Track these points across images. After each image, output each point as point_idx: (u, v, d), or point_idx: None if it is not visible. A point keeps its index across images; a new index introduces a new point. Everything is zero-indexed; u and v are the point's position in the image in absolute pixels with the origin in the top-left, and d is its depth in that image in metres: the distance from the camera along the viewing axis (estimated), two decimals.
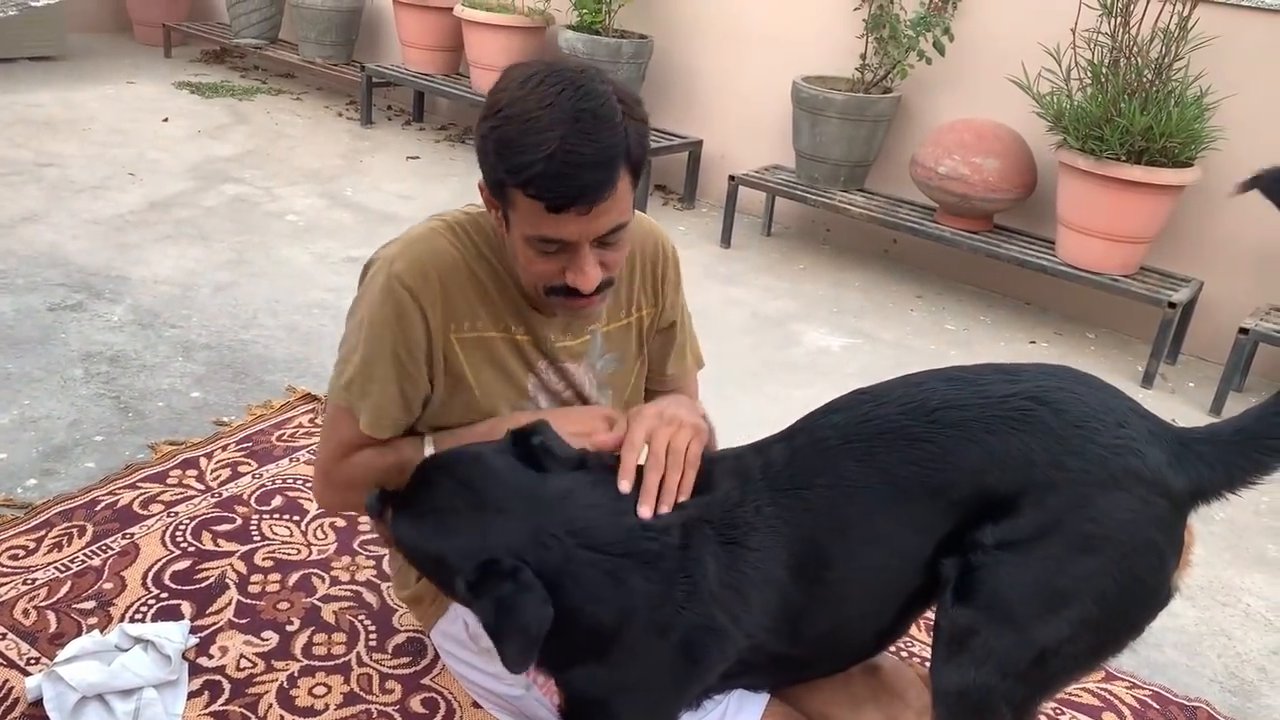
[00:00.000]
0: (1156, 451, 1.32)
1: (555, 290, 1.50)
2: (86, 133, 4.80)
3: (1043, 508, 1.32)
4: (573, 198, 1.37)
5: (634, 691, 1.49)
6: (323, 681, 1.81)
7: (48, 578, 1.98)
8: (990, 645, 1.32)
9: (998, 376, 1.43)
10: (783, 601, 1.47)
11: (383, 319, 1.55)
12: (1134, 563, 1.32)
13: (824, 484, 1.45)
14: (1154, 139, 3.29)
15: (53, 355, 2.79)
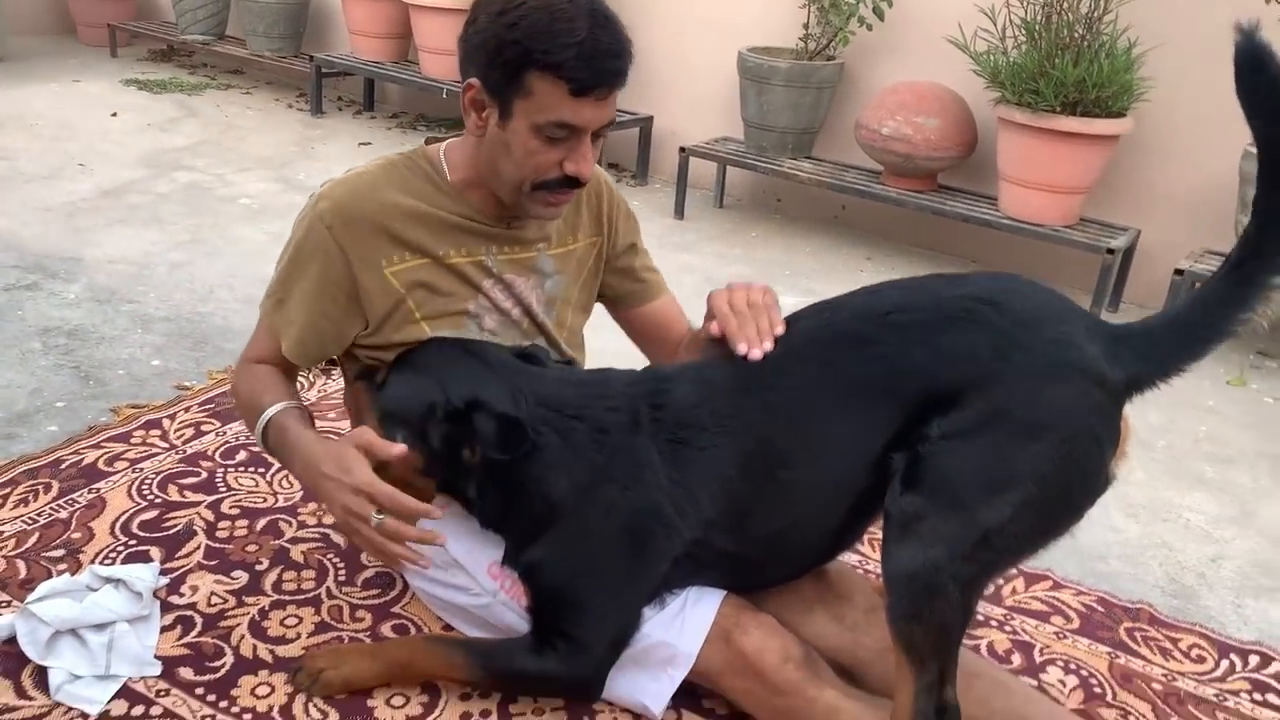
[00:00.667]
0: (1094, 346, 1.40)
1: (547, 184, 1.61)
2: (34, 128, 4.78)
3: (987, 398, 1.39)
4: (598, 82, 1.52)
5: (590, 575, 1.57)
6: (294, 613, 1.85)
7: (15, 530, 2.00)
8: (937, 528, 1.39)
9: (946, 282, 1.53)
10: (732, 497, 1.55)
11: (305, 256, 1.68)
12: (1073, 448, 1.39)
13: (781, 386, 1.54)
14: (1087, 90, 3.40)
15: (9, 331, 2.80)
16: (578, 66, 1.50)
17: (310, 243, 1.68)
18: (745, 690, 1.60)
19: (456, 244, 1.73)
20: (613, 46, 1.54)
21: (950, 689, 1.43)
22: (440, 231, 1.71)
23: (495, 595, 1.71)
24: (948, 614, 1.40)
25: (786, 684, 1.56)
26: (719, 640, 1.59)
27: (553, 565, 1.58)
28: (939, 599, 1.39)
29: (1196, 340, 1.42)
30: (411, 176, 1.72)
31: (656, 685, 1.63)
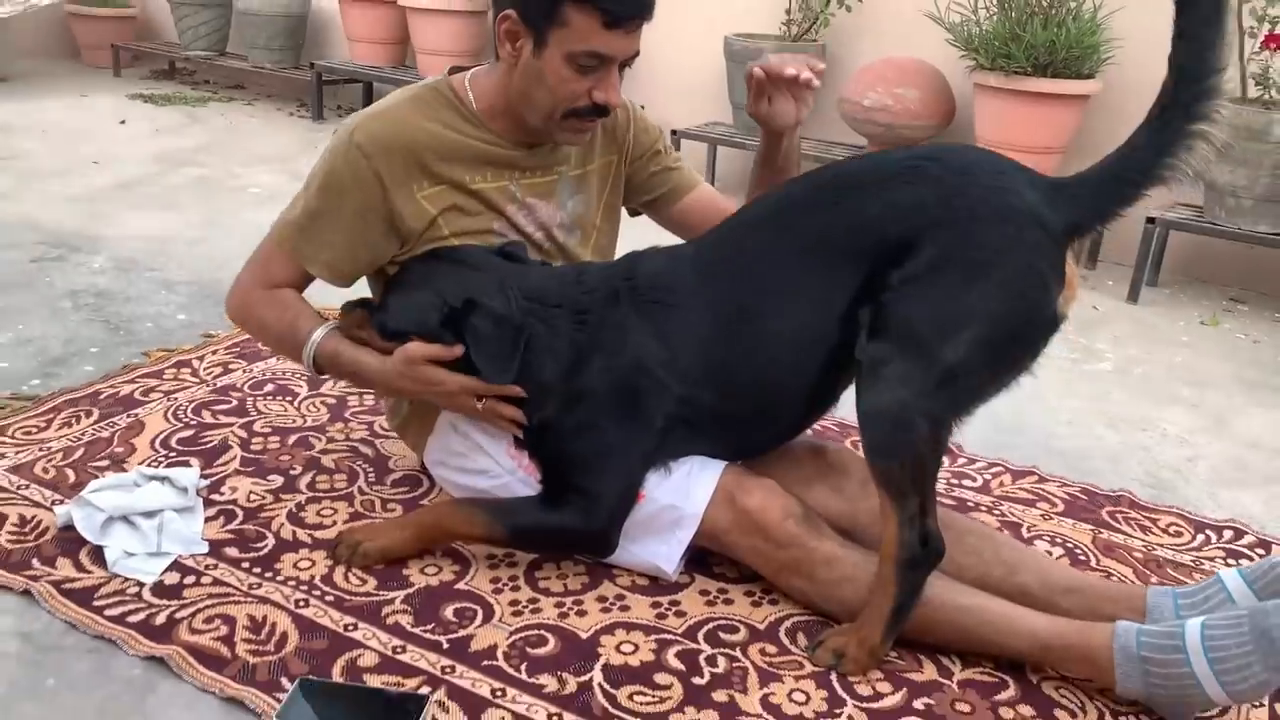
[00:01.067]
0: (1032, 193, 1.53)
1: (576, 111, 1.75)
2: (46, 134, 4.94)
3: (935, 244, 1.52)
4: (628, 13, 1.67)
5: (592, 431, 1.70)
6: (329, 506, 1.98)
7: (62, 446, 2.13)
8: (901, 369, 1.51)
9: (891, 151, 1.70)
10: (710, 355, 1.69)
11: (340, 183, 1.78)
12: (1018, 284, 1.52)
13: (746, 251, 1.70)
14: (1056, 52, 3.59)
15: (40, 293, 2.94)
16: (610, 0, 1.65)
17: (348, 172, 1.78)
18: (750, 547, 1.72)
19: (482, 170, 1.86)
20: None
21: (931, 520, 1.56)
22: (467, 158, 1.84)
23: (513, 473, 1.83)
24: (920, 448, 1.52)
25: (788, 537, 1.69)
26: (723, 502, 1.72)
27: (560, 430, 1.72)
28: (909, 433, 1.51)
29: (1128, 185, 1.54)
30: (439, 107, 1.85)
31: (666, 547, 1.76)
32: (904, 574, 1.56)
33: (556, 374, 1.71)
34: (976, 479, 2.26)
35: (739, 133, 4.52)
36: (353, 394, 2.42)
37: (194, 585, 1.72)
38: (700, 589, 1.79)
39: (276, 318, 1.86)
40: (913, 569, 1.56)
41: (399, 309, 1.76)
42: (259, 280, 1.88)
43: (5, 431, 2.16)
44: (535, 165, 1.90)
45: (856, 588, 1.65)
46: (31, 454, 2.08)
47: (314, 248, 1.83)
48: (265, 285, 1.88)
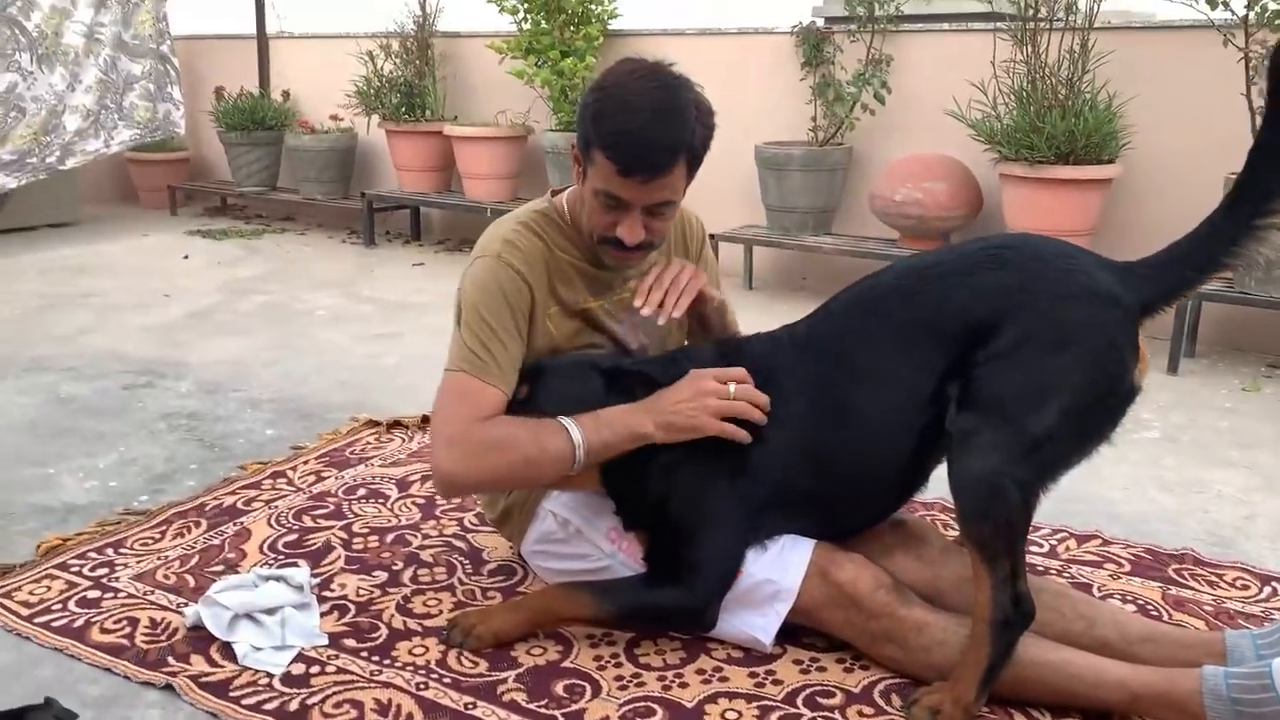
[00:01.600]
0: (1105, 275, 1.68)
1: (606, 240, 1.91)
2: (117, 272, 5.22)
3: (1019, 324, 1.66)
4: (639, 169, 1.78)
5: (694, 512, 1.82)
6: (433, 597, 2.10)
7: (178, 554, 2.27)
8: (992, 438, 1.63)
9: (973, 240, 1.84)
10: (808, 438, 1.82)
11: (502, 296, 1.90)
12: (1098, 358, 1.65)
13: (841, 338, 1.84)
14: (1076, 140, 3.78)
15: (136, 418, 3.12)
16: (625, 153, 1.77)
17: (508, 285, 1.90)
18: (844, 620, 1.82)
19: (589, 290, 2.01)
20: (664, 140, 1.77)
21: (1022, 583, 1.65)
22: (576, 278, 1.99)
23: (613, 557, 1.96)
24: (1011, 512, 1.63)
25: (880, 607, 1.78)
26: (817, 576, 1.82)
27: (664, 505, 1.84)
28: (1001, 499, 1.62)
29: (1194, 270, 1.68)
30: (552, 230, 1.99)
31: (764, 620, 1.86)
32: (998, 634, 1.64)
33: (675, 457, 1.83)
34: (1043, 545, 2.36)
35: (773, 233, 4.73)
36: (442, 501, 2.55)
37: (319, 674, 1.84)
38: (793, 658, 1.89)
39: (509, 434, 1.82)
40: (1006, 629, 1.64)
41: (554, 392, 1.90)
42: (469, 418, 1.84)
43: (125, 544, 2.31)
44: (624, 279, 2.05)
45: (947, 651, 1.73)
46: (151, 563, 2.23)
47: (498, 362, 1.88)
48: (479, 418, 1.85)
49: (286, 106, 6.70)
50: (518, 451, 1.81)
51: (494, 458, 1.82)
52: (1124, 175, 3.98)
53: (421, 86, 5.85)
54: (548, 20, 5.20)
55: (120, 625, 1.98)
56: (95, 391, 3.35)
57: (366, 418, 3.07)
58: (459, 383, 1.86)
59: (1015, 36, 3.98)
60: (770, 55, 4.96)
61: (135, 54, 5.82)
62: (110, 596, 2.08)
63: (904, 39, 4.60)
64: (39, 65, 5.51)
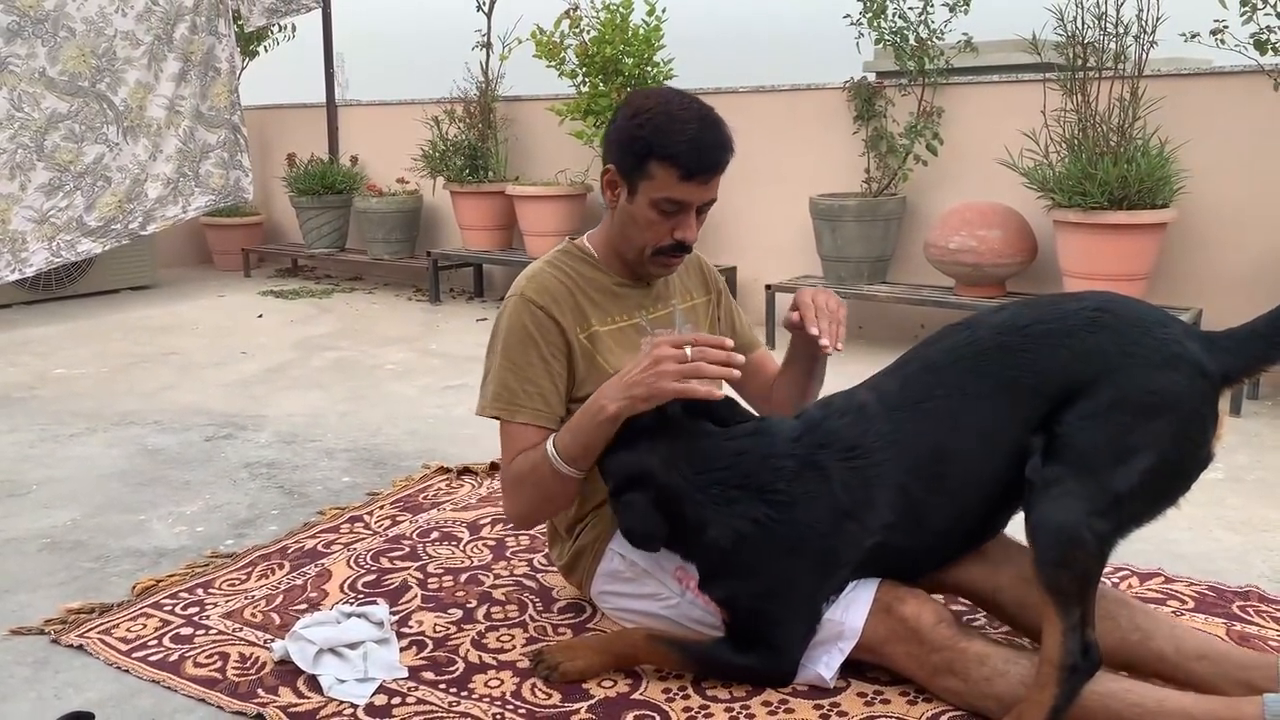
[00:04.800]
0: (1193, 344, 1.72)
1: (662, 250, 2.05)
2: (195, 330, 5.46)
3: (1114, 385, 1.70)
4: (702, 169, 1.96)
5: (781, 595, 1.87)
6: (506, 633, 2.18)
7: (264, 594, 2.38)
8: (1076, 488, 1.67)
9: (1066, 298, 1.87)
10: (907, 500, 1.85)
11: (526, 334, 2.05)
12: (1185, 425, 1.70)
13: (941, 395, 1.84)
14: (1129, 186, 3.82)
15: (219, 468, 3.27)
16: (687, 157, 1.94)
17: (530, 322, 2.05)
18: (906, 654, 1.86)
19: (618, 310, 2.16)
20: (716, 141, 1.97)
21: (1091, 630, 1.68)
22: (604, 300, 2.14)
23: (682, 595, 2.02)
24: (1088, 563, 1.67)
25: (942, 640, 1.82)
26: (881, 612, 1.86)
27: (750, 595, 1.87)
28: (1080, 549, 1.66)
29: (1274, 346, 1.73)
30: (574, 262, 2.16)
31: (828, 657, 1.90)
32: (1065, 678, 1.67)
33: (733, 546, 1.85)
34: (1105, 582, 2.36)
35: (828, 283, 4.80)
36: (510, 535, 2.65)
37: (401, 705, 1.92)
38: (857, 691, 1.93)
39: (524, 465, 2.01)
40: (1073, 674, 1.67)
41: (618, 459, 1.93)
42: (507, 460, 2.06)
43: (214, 584, 2.43)
44: (653, 299, 2.20)
45: (1009, 682, 1.76)
46: (239, 602, 2.34)
47: (525, 400, 2.03)
48: (511, 461, 2.05)
49: (355, 171, 6.97)
50: (527, 479, 2.01)
51: (521, 491, 2.05)
52: (1179, 220, 4.00)
53: (484, 149, 6.07)
54: (605, 83, 5.38)
55: (212, 659, 2.08)
56: (180, 443, 3.51)
57: (438, 465, 3.19)
58: (502, 429, 2.07)
59: (1064, 86, 4.05)
60: (822, 110, 5.08)
61: (211, 124, 6.11)
62: (202, 633, 2.20)
63: (954, 91, 4.69)
64: (124, 137, 5.82)
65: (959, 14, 4.56)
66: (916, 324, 4.87)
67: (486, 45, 6.13)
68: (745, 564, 1.86)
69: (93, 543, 2.69)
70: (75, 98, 5.40)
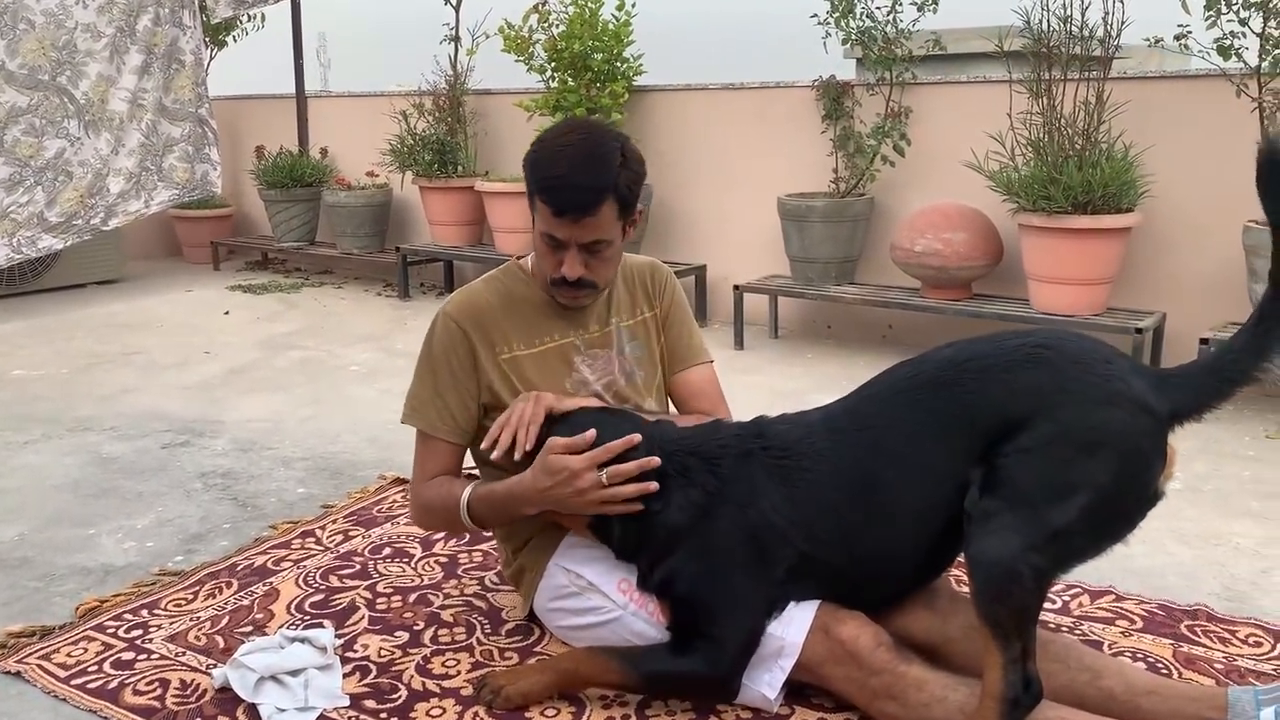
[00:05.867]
0: (1140, 381, 1.71)
1: (554, 282, 2.07)
2: (160, 328, 5.40)
3: (1051, 421, 1.69)
4: (567, 209, 1.98)
5: (718, 580, 1.87)
6: (452, 658, 2.16)
7: (209, 615, 2.35)
8: (1013, 521, 1.66)
9: (1012, 335, 1.86)
10: (837, 517, 1.86)
11: (441, 348, 2.16)
12: (1126, 463, 1.68)
13: (880, 425, 1.87)
14: (1094, 190, 3.82)
15: (173, 477, 3.23)
16: (551, 195, 1.97)
17: (445, 338, 2.15)
18: (845, 676, 1.85)
19: (550, 329, 2.17)
20: (587, 183, 1.96)
21: (1032, 663, 1.69)
22: (536, 319, 2.16)
23: (625, 608, 2.01)
24: (1025, 598, 1.66)
25: (880, 664, 1.82)
26: (820, 631, 1.86)
27: (684, 576, 1.89)
28: (1016, 583, 1.65)
29: (1225, 382, 1.72)
30: (508, 280, 2.20)
31: (770, 674, 1.90)
32: (1006, 711, 1.67)
33: (687, 520, 1.89)
34: (1055, 601, 2.37)
35: (797, 284, 4.79)
36: (463, 551, 2.63)
37: None
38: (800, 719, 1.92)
39: (437, 496, 2.12)
40: (1015, 708, 1.67)
41: None
42: (417, 476, 2.18)
43: (159, 604, 2.40)
44: (592, 322, 2.20)
45: (947, 709, 1.76)
46: (184, 623, 2.31)
47: (435, 412, 2.14)
48: (424, 478, 2.17)
49: (324, 164, 6.90)
50: (438, 511, 2.14)
51: (432, 518, 2.19)
52: (1143, 224, 4.00)
53: (453, 143, 6.01)
54: (574, 78, 5.33)
55: (152, 687, 2.06)
56: (135, 451, 3.47)
57: (394, 476, 3.16)
58: (417, 436, 2.18)
59: (1030, 89, 4.03)
60: (791, 109, 5.05)
61: (175, 118, 6.04)
62: (144, 658, 2.17)
63: (922, 91, 4.67)
64: (86, 131, 5.74)
65: (927, 12, 4.53)
66: (884, 324, 4.87)
67: (455, 39, 6.07)
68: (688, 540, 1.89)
69: (39, 559, 2.66)
70: (35, 91, 5.33)
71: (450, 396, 2.13)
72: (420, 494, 2.16)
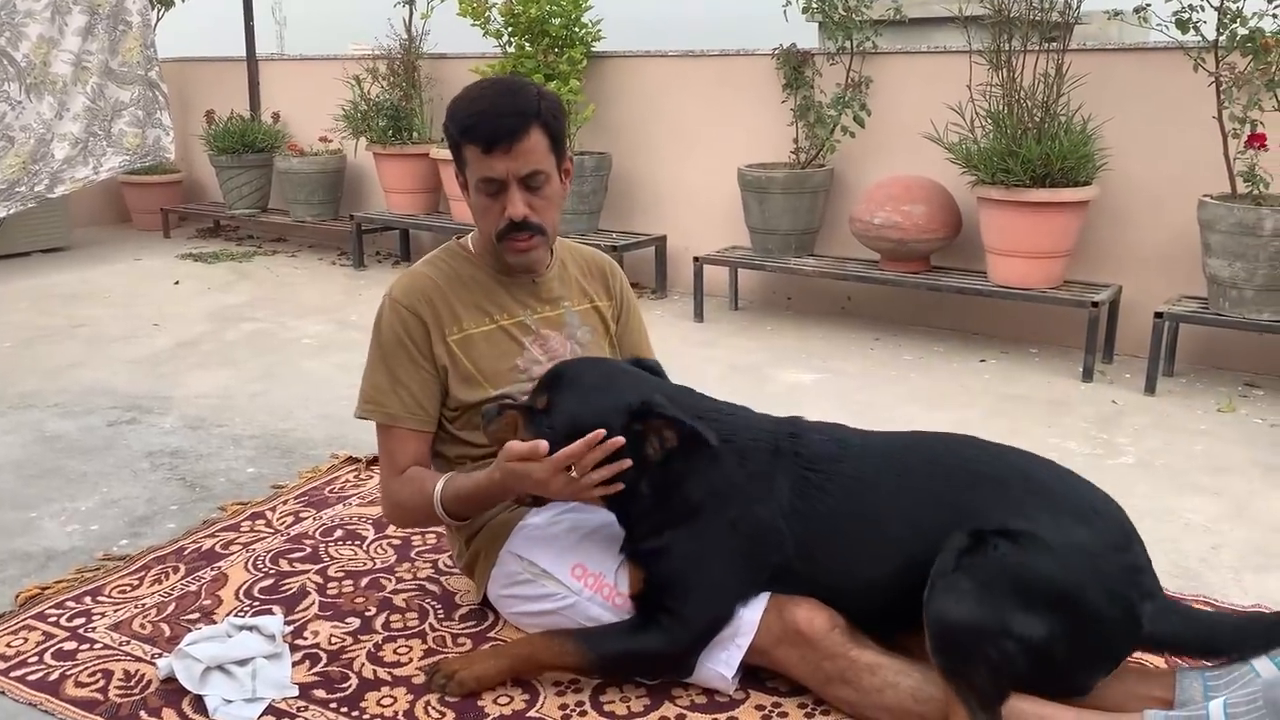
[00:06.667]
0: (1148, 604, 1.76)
1: (501, 233, 2.03)
2: (108, 299, 5.27)
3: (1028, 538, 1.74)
4: (498, 138, 1.94)
5: (707, 565, 1.86)
6: (404, 645, 2.13)
7: (155, 602, 2.30)
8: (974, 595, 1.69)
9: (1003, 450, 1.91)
10: (828, 543, 1.86)
11: (395, 336, 2.10)
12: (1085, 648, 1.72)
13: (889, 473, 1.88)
14: (1052, 164, 3.81)
15: (120, 456, 3.16)
16: (480, 130, 1.95)
17: (397, 325, 2.10)
18: (799, 658, 1.85)
19: (499, 307, 2.14)
20: (510, 109, 1.95)
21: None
22: (483, 298, 2.13)
23: (580, 594, 1.99)
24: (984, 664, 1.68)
25: (833, 647, 1.82)
26: (774, 611, 1.86)
27: (679, 552, 1.86)
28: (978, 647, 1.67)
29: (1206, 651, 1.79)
30: (452, 260, 2.18)
31: (726, 654, 1.89)
32: None
33: (704, 496, 1.86)
34: None
35: (756, 255, 4.76)
36: (416, 534, 2.59)
37: None
38: (755, 704, 1.91)
39: (411, 494, 2.07)
40: None
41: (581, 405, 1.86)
42: (388, 473, 2.12)
43: (103, 591, 2.34)
44: (541, 299, 2.18)
45: (899, 694, 1.77)
46: (129, 611, 2.26)
47: (397, 402, 2.09)
48: (395, 473, 2.11)
49: (277, 129, 6.75)
50: (409, 508, 2.10)
51: (405, 515, 2.15)
52: (1101, 197, 4.01)
53: (408, 109, 5.89)
54: (532, 43, 5.23)
55: (95, 678, 2.01)
56: (81, 429, 3.39)
57: (346, 455, 3.11)
58: (378, 430, 2.12)
59: (990, 61, 4.01)
60: (752, 77, 5.00)
61: (123, 81, 5.87)
62: (86, 648, 2.12)
63: (882, 61, 4.63)
64: (27, 94, 5.55)
65: None
66: (843, 296, 4.86)
67: (409, 1, 5.93)
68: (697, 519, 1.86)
69: None
70: None
71: (413, 384, 2.09)
72: (394, 493, 2.11)
